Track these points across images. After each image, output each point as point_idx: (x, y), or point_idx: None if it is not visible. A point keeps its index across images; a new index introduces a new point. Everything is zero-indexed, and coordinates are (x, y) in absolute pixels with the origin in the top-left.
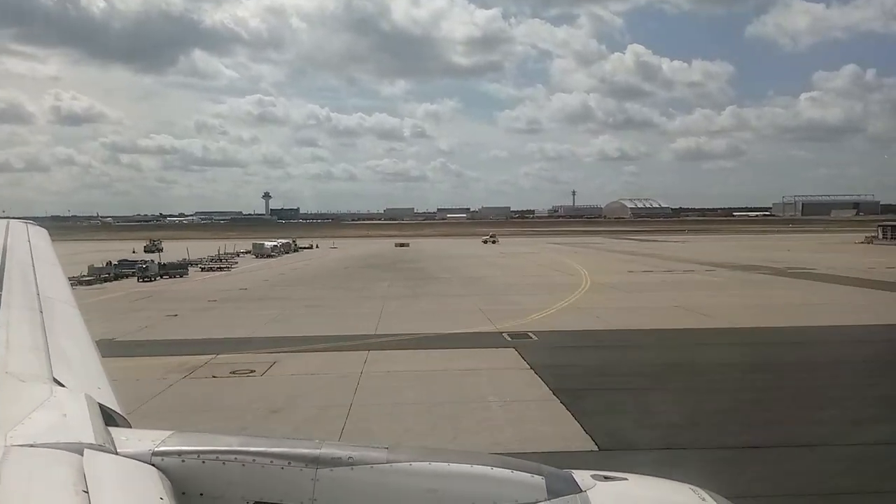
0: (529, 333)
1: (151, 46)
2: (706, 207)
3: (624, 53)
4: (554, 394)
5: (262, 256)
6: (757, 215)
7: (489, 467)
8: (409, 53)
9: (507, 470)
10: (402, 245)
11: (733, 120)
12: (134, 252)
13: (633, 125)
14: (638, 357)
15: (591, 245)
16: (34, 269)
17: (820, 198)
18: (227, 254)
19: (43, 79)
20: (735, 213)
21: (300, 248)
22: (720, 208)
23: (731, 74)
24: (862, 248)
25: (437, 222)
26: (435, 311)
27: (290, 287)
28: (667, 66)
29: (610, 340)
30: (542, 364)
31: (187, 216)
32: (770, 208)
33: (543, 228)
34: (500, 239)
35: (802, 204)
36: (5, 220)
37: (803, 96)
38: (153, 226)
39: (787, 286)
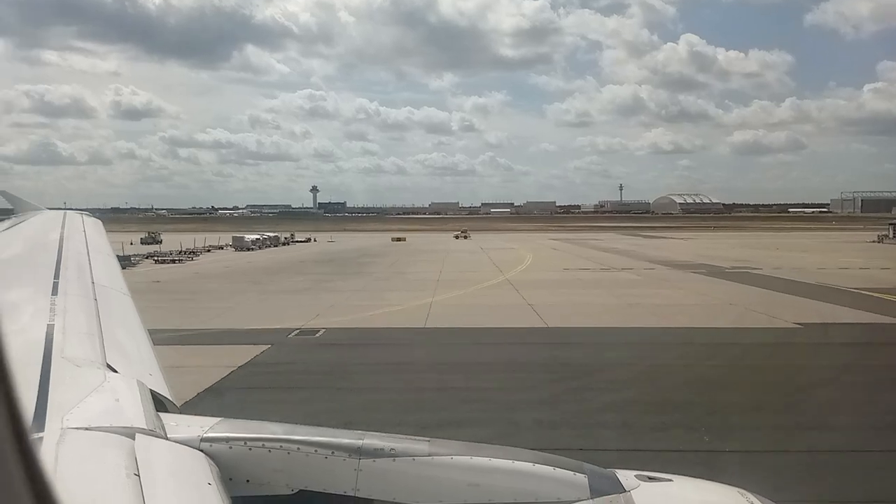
0: (321, 329)
1: (206, 42)
2: (760, 203)
3: (677, 43)
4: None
5: (242, 249)
6: (812, 212)
7: (531, 464)
8: (456, 46)
9: (549, 467)
10: (398, 240)
11: (793, 112)
12: (131, 244)
13: (688, 117)
14: (372, 355)
15: (588, 242)
16: (89, 259)
17: (881, 194)
18: (209, 247)
19: (103, 74)
20: (790, 210)
21: (296, 241)
22: (775, 204)
23: (789, 65)
24: (864, 247)
25: (480, 217)
26: (274, 308)
27: (208, 280)
28: (722, 56)
29: (383, 338)
30: (276, 362)
31: (239, 209)
32: (828, 204)
33: (581, 224)
34: (523, 233)
35: (861, 200)
36: (62, 212)
37: (867, 87)
38: (205, 218)
39: (687, 286)
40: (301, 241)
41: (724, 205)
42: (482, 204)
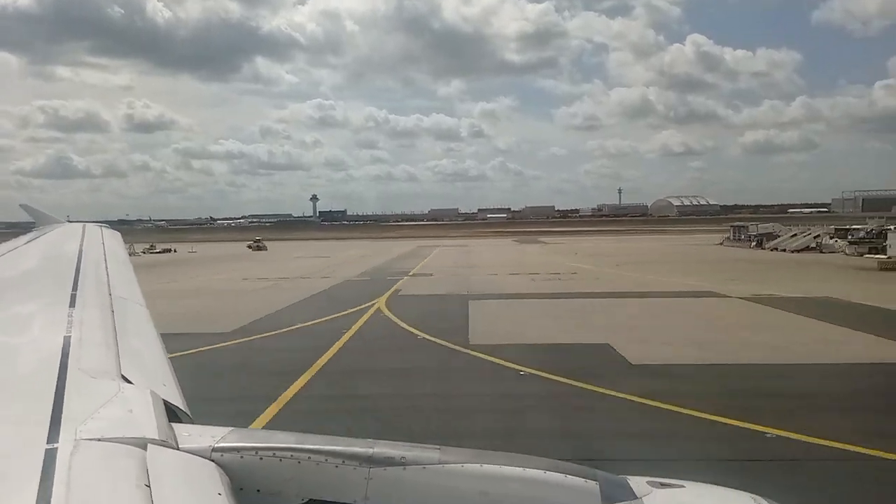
0: None
1: (215, 55)
2: (761, 204)
3: (683, 44)
4: None
5: None
6: (810, 212)
7: (542, 471)
8: (462, 52)
9: (560, 474)
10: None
11: (804, 111)
12: None
13: (697, 119)
14: None
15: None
16: (107, 270)
17: (884, 192)
18: None
19: (115, 89)
20: (790, 210)
21: (158, 251)
22: (776, 205)
23: (798, 63)
24: (685, 250)
25: (476, 223)
26: None
27: None
28: (729, 55)
29: None
30: None
31: (237, 219)
32: (829, 204)
33: (570, 228)
34: (494, 240)
35: (863, 199)
36: (82, 224)
37: (878, 84)
38: (201, 228)
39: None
40: (159, 252)
41: (721, 206)
42: (479, 209)
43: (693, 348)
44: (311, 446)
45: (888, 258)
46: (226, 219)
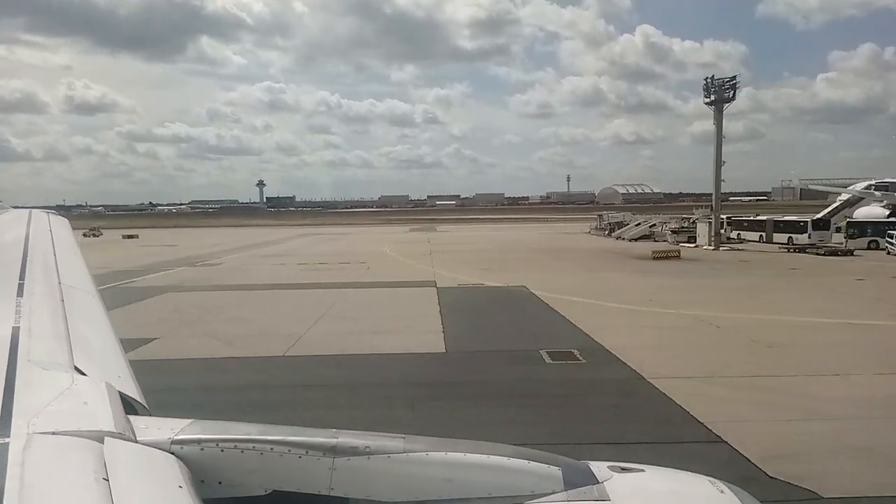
0: None
1: (158, 34)
2: (705, 192)
3: (633, 34)
4: None
5: None
6: (750, 200)
7: (506, 458)
8: (414, 38)
9: (523, 461)
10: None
11: (749, 102)
12: None
13: (648, 108)
14: None
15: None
16: (56, 258)
17: (821, 181)
18: None
19: (55, 68)
20: (731, 198)
21: None
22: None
23: (744, 55)
24: (552, 238)
25: (425, 209)
26: None
27: None
28: (678, 46)
29: None
30: None
31: (177, 205)
32: (770, 193)
33: (504, 216)
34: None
35: (800, 189)
36: (27, 210)
37: (820, 77)
38: (141, 215)
39: None
40: None
41: (665, 194)
42: (428, 196)
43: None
44: (274, 437)
45: (661, 251)
46: (168, 204)
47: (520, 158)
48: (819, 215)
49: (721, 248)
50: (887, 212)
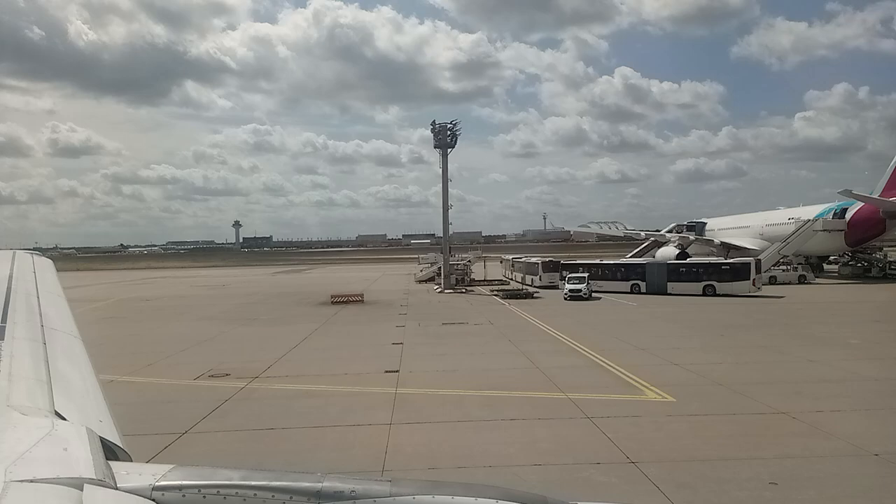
0: None
1: (142, 78)
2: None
3: (612, 76)
4: None
5: None
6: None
7: (494, 500)
8: (397, 80)
9: (511, 503)
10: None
11: (730, 140)
12: None
13: (630, 147)
14: None
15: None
16: (38, 300)
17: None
18: None
19: (39, 112)
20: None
21: None
22: None
23: (721, 95)
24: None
25: (400, 248)
26: None
27: None
28: (656, 87)
29: None
30: None
31: (150, 247)
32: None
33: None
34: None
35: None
36: (11, 251)
37: (798, 116)
38: (113, 257)
39: None
40: None
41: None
42: (403, 235)
43: None
44: (257, 483)
45: (342, 295)
46: (143, 246)
47: (507, 197)
48: (630, 254)
49: (453, 291)
50: (676, 252)
